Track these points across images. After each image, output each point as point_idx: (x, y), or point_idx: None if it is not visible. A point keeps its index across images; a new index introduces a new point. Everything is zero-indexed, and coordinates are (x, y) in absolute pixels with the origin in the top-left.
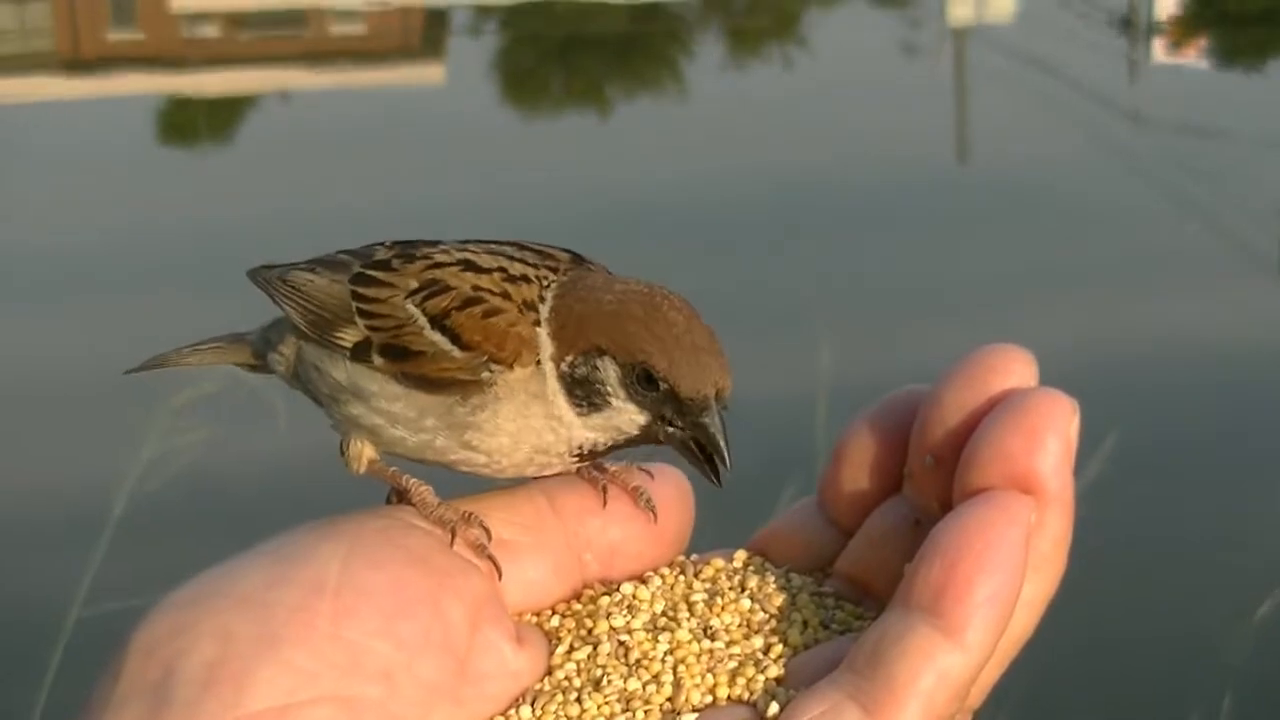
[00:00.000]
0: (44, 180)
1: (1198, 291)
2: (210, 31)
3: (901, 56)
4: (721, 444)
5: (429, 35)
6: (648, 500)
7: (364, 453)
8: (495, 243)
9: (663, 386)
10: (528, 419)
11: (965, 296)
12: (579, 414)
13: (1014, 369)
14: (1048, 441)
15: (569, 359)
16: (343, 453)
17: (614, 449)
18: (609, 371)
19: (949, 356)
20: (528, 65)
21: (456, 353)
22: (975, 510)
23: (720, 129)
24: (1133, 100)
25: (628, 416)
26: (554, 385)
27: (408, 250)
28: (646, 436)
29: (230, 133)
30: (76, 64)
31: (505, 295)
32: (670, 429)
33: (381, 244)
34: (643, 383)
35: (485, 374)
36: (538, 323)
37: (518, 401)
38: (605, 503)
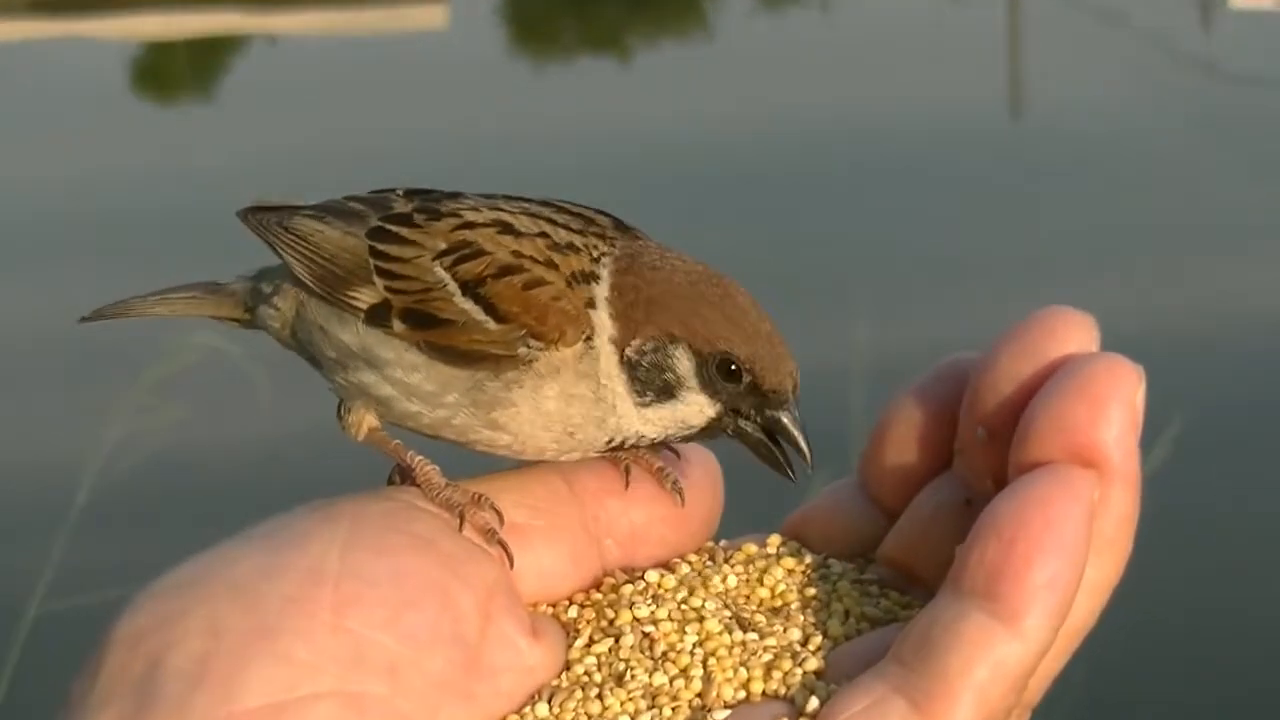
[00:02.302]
0: (6, 129)
1: (1274, 257)
2: None
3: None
4: (802, 440)
5: None
6: (674, 482)
7: (365, 420)
8: (527, 200)
9: (745, 379)
10: (572, 401)
11: (1016, 262)
12: (639, 403)
13: (1073, 334)
14: (1111, 411)
15: (636, 343)
16: (340, 418)
17: (664, 443)
18: (682, 360)
19: (998, 328)
20: (538, 6)
21: (491, 324)
22: (1033, 486)
23: (749, 78)
24: (1206, 48)
25: (697, 408)
26: (610, 369)
27: (428, 204)
28: (710, 430)
29: (212, 80)
30: (44, 4)
31: (550, 264)
32: (743, 423)
33: (394, 191)
34: (722, 373)
35: (522, 349)
36: (590, 300)
37: (562, 381)
38: (627, 484)
